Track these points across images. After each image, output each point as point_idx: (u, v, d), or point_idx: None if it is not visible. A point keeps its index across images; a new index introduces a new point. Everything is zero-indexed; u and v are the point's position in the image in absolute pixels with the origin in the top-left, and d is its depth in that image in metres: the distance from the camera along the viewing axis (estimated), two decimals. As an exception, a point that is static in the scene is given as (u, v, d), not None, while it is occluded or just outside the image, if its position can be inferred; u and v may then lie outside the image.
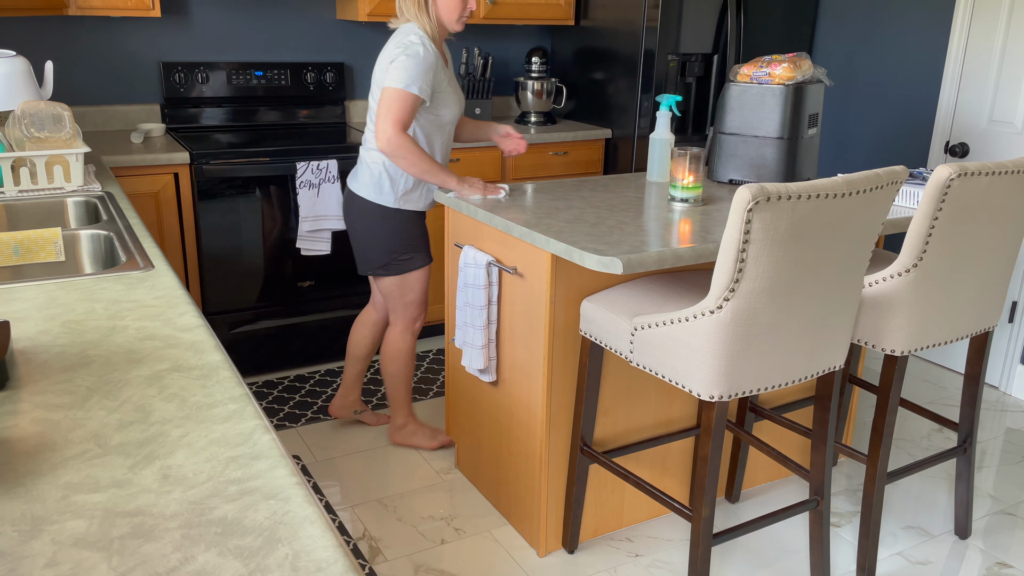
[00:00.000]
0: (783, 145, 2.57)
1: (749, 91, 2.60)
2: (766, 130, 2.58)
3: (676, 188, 2.40)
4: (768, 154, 2.60)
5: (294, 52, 3.76)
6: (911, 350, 2.13)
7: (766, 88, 2.57)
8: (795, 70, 2.55)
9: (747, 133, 2.62)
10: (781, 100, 2.55)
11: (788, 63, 2.56)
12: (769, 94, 2.56)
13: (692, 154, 2.34)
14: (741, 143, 2.64)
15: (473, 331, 2.39)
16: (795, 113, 2.55)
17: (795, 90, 2.54)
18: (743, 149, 2.64)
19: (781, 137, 2.56)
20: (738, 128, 2.64)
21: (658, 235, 2.08)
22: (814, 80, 2.62)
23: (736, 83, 2.63)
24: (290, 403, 3.22)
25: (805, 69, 2.57)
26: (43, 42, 3.32)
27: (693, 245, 1.99)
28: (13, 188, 2.22)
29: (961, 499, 2.49)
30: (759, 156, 2.62)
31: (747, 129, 2.62)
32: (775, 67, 2.56)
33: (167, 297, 1.53)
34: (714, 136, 2.72)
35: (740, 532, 2.03)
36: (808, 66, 2.58)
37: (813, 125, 2.64)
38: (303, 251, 3.33)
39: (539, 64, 4.03)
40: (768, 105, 2.57)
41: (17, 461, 0.98)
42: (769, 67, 2.58)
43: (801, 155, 2.62)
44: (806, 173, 2.67)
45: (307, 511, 0.89)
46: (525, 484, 2.39)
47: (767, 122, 2.58)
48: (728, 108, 2.65)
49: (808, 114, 2.60)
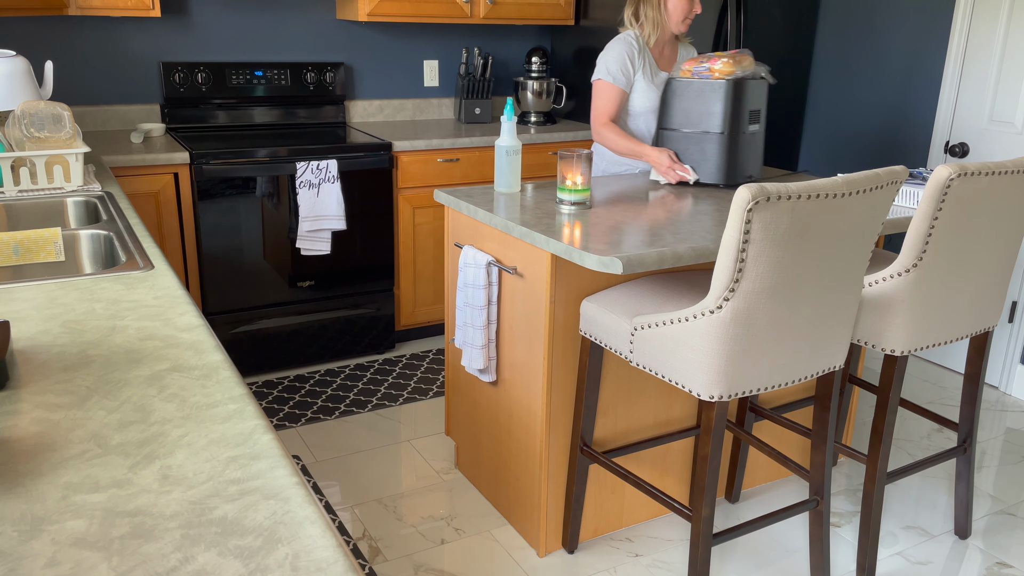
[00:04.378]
0: (723, 140, 2.56)
1: (689, 86, 2.59)
2: (706, 125, 2.57)
3: (565, 191, 2.31)
4: (708, 150, 2.58)
5: (294, 52, 3.76)
6: (911, 350, 2.13)
7: (705, 83, 2.55)
8: (735, 66, 2.54)
9: (688, 128, 2.60)
10: (720, 95, 2.53)
11: (728, 59, 2.55)
12: (708, 89, 2.55)
13: (580, 155, 2.27)
14: (683, 138, 2.62)
15: (473, 331, 2.39)
16: (735, 109, 2.54)
17: (734, 85, 2.53)
18: (684, 144, 2.63)
19: (721, 132, 2.55)
20: (679, 123, 2.62)
21: (658, 235, 2.07)
22: (755, 76, 2.61)
23: (677, 78, 2.63)
24: (290, 403, 3.22)
25: (746, 65, 2.56)
26: (43, 42, 3.32)
27: (693, 245, 1.99)
28: (13, 188, 2.22)
29: (961, 499, 2.49)
30: (700, 152, 2.60)
31: (688, 124, 2.60)
32: (714, 62, 2.55)
33: (167, 297, 1.53)
34: (657, 132, 2.71)
35: (740, 532, 2.03)
36: (749, 62, 2.57)
37: (755, 122, 2.62)
38: (303, 251, 3.33)
39: (539, 64, 4.03)
40: (707, 100, 2.55)
41: (17, 461, 0.98)
42: (709, 62, 2.57)
43: (742, 151, 2.60)
44: (748, 170, 2.65)
45: (307, 511, 0.89)
46: (525, 484, 2.39)
47: (707, 117, 2.57)
48: (669, 103, 2.64)
49: (748, 110, 2.58)
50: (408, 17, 3.62)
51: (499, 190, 2.53)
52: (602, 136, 2.78)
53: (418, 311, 3.73)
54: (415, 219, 3.59)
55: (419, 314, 3.74)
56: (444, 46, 4.11)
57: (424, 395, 3.32)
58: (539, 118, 4.05)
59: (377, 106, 4.01)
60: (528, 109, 4.04)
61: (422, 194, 3.58)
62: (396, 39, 3.98)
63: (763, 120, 2.67)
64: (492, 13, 3.79)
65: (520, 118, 4.10)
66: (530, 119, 4.05)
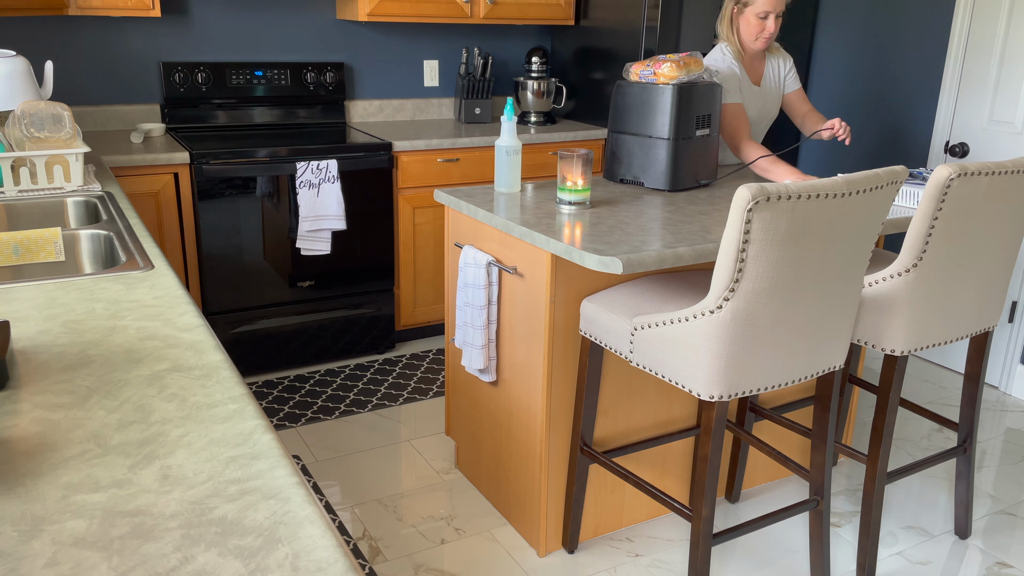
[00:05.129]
0: (670, 145, 2.53)
1: (636, 90, 2.57)
2: (652, 130, 2.55)
3: (564, 191, 2.32)
4: (657, 154, 2.56)
5: (294, 52, 3.76)
6: (911, 350, 2.13)
7: (652, 87, 2.53)
8: (680, 69, 2.51)
9: (636, 132, 2.58)
10: (666, 99, 2.51)
11: (674, 63, 2.52)
12: (654, 93, 2.53)
13: (580, 155, 2.27)
14: (632, 142, 2.60)
15: (473, 331, 2.39)
16: (680, 113, 2.51)
17: (679, 90, 2.50)
18: (632, 148, 2.61)
19: (668, 137, 2.53)
20: (628, 127, 2.60)
21: (658, 235, 2.07)
22: (704, 80, 2.58)
23: (626, 81, 2.61)
24: (290, 403, 3.22)
25: (693, 68, 2.53)
26: (43, 42, 3.32)
27: (693, 245, 1.99)
28: (13, 188, 2.22)
29: (961, 499, 2.49)
30: (647, 156, 2.58)
31: (636, 128, 2.58)
32: (660, 66, 2.53)
33: (167, 297, 1.53)
34: (609, 135, 2.69)
35: (740, 532, 2.03)
36: (697, 65, 2.54)
37: (704, 126, 2.59)
38: (303, 251, 3.33)
39: (539, 64, 4.03)
40: (653, 105, 2.53)
41: (17, 461, 0.98)
42: (655, 66, 2.54)
43: (691, 156, 2.57)
44: (700, 175, 2.63)
45: (307, 511, 0.89)
46: (525, 484, 2.39)
47: (653, 121, 2.54)
48: (617, 107, 2.63)
49: (697, 115, 2.55)
50: (408, 17, 3.62)
51: (499, 190, 2.53)
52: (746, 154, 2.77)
53: (418, 311, 3.73)
54: (415, 219, 3.59)
55: (419, 314, 3.74)
56: (444, 46, 4.11)
57: (424, 395, 3.32)
58: (539, 118, 4.05)
59: (377, 106, 4.01)
60: (528, 109, 4.04)
61: (422, 194, 3.58)
62: (396, 39, 3.98)
63: (715, 124, 2.63)
64: (492, 13, 3.79)
65: (520, 118, 4.10)
66: (530, 119, 4.05)
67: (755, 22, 2.71)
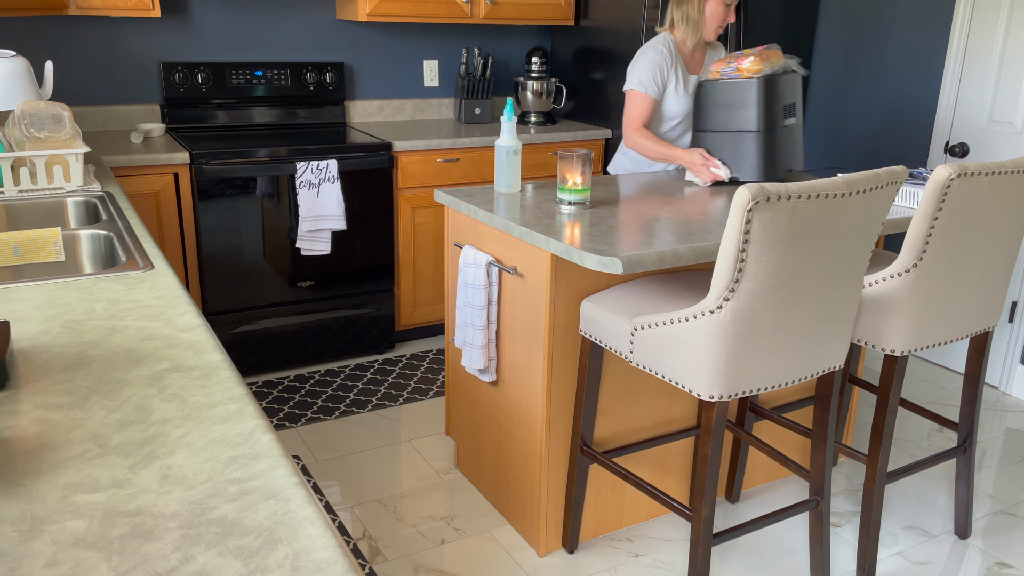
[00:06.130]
0: (759, 138, 2.56)
1: (720, 87, 2.60)
2: (740, 124, 2.57)
3: (565, 191, 2.31)
4: (746, 148, 2.58)
5: (294, 52, 3.76)
6: (911, 350, 2.13)
7: (736, 83, 2.56)
8: (762, 62, 2.54)
9: (723, 129, 2.61)
10: (751, 93, 2.54)
11: (755, 56, 2.55)
12: (739, 88, 2.56)
13: (580, 155, 2.27)
14: (719, 139, 2.63)
15: (473, 331, 2.39)
16: (767, 105, 2.54)
17: (765, 82, 2.53)
18: (722, 144, 2.63)
19: (757, 130, 2.55)
20: (714, 125, 2.63)
21: (658, 235, 2.07)
22: (786, 71, 2.61)
23: (708, 80, 2.64)
24: (290, 403, 3.22)
25: (774, 60, 2.56)
26: (43, 42, 3.32)
27: (693, 245, 1.99)
28: (13, 188, 2.22)
29: (961, 499, 2.49)
30: (737, 151, 2.60)
31: (722, 125, 2.61)
32: (742, 61, 2.56)
33: (167, 297, 1.53)
34: (693, 135, 2.73)
35: (740, 532, 2.03)
36: (777, 57, 2.57)
37: (791, 115, 2.62)
38: (303, 251, 3.33)
39: (539, 64, 4.03)
40: (739, 99, 2.56)
41: (17, 461, 0.98)
42: (736, 62, 2.58)
43: (781, 146, 2.61)
44: (789, 163, 2.66)
45: (307, 511, 0.89)
46: (525, 484, 2.39)
47: (740, 116, 2.57)
48: (702, 106, 2.66)
49: (783, 104, 2.58)
50: (408, 17, 3.62)
51: (499, 190, 2.53)
52: (635, 142, 2.83)
53: (418, 311, 3.73)
54: (415, 219, 3.59)
55: (419, 314, 3.74)
56: (444, 46, 4.11)
57: (424, 395, 3.32)
58: (539, 118, 4.05)
59: (377, 106, 4.01)
60: (528, 109, 4.04)
61: (422, 194, 3.58)
62: (396, 39, 3.98)
63: (799, 112, 2.67)
64: (492, 13, 3.79)
65: (520, 118, 4.10)
66: (530, 119, 4.05)
67: (721, 10, 2.77)
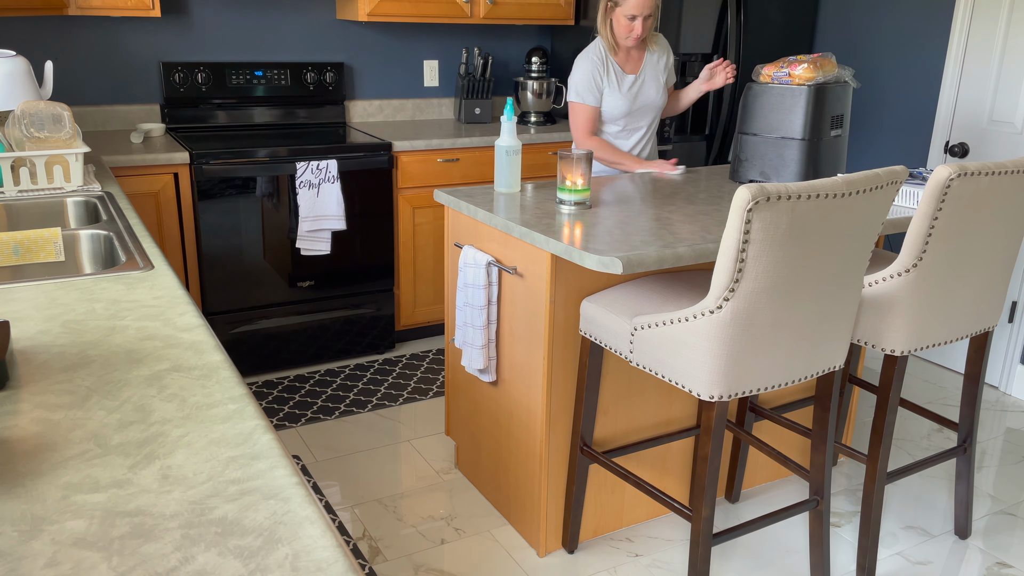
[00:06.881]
0: (803, 146, 2.54)
1: (769, 92, 2.58)
2: (786, 131, 2.55)
3: (565, 191, 2.31)
4: (788, 155, 2.57)
5: (294, 52, 3.76)
6: (911, 350, 2.13)
7: (786, 88, 2.54)
8: (816, 71, 2.52)
9: (767, 134, 2.59)
10: (800, 101, 2.52)
11: (809, 64, 2.53)
12: (789, 94, 2.54)
13: (580, 155, 2.27)
14: (762, 143, 2.61)
15: (473, 331, 2.39)
16: (815, 114, 2.52)
17: (815, 91, 2.51)
18: (763, 150, 2.62)
19: (802, 138, 2.53)
20: (759, 129, 2.61)
21: (658, 235, 2.07)
22: (839, 81, 2.59)
23: (757, 83, 2.62)
24: (290, 403, 3.22)
25: (827, 70, 2.54)
26: (43, 42, 3.32)
27: (693, 245, 1.99)
28: (13, 188, 2.22)
29: (961, 499, 2.49)
30: (779, 157, 2.59)
31: (767, 130, 2.59)
32: (795, 67, 2.54)
33: (167, 297, 1.53)
34: (736, 137, 2.71)
35: (740, 532, 2.03)
36: (831, 67, 2.55)
37: (837, 126, 2.60)
38: (303, 251, 3.33)
39: (539, 64, 4.03)
40: (787, 106, 2.54)
41: (17, 461, 0.98)
42: (790, 67, 2.55)
43: (823, 156, 2.59)
44: (830, 174, 2.63)
45: (307, 511, 0.89)
46: (525, 484, 2.39)
47: (787, 123, 2.55)
48: (748, 108, 2.64)
49: (831, 115, 2.56)
50: (408, 17, 3.62)
51: (499, 190, 2.53)
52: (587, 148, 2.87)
53: (418, 311, 3.73)
54: (415, 219, 3.59)
55: (419, 314, 3.74)
56: (444, 46, 4.11)
57: (424, 395, 3.32)
58: (539, 118, 4.05)
59: (377, 106, 4.01)
60: (528, 109, 4.04)
61: (422, 194, 3.58)
62: (396, 39, 3.98)
63: (847, 124, 2.66)
64: (492, 13, 3.79)
65: (520, 118, 4.10)
66: (530, 119, 4.05)
67: (624, 22, 2.78)
